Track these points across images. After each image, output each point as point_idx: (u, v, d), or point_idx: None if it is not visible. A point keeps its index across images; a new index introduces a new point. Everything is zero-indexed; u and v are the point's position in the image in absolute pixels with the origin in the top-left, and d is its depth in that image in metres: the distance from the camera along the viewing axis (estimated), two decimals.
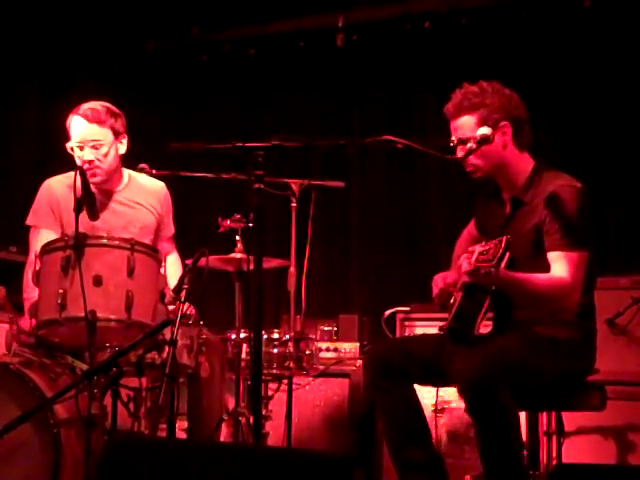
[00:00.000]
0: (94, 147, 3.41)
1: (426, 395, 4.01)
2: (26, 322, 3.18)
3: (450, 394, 3.97)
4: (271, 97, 5.46)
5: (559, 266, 2.85)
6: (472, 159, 3.00)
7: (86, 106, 3.44)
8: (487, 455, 2.77)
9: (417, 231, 5.08)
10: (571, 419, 3.48)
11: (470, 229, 3.35)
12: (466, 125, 3.01)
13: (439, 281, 3.10)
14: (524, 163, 3.05)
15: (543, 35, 4.88)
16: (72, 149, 3.43)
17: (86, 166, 3.33)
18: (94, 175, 3.40)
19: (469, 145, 2.97)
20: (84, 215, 3.03)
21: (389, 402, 3.00)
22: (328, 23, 5.35)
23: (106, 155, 3.43)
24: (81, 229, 2.93)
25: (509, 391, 2.73)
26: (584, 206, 2.92)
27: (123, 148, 3.51)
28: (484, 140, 2.96)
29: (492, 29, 5.03)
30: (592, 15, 4.78)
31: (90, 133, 3.40)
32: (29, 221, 3.50)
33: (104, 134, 3.42)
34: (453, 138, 3.03)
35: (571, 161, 4.35)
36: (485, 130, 2.97)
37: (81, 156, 3.41)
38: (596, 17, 4.77)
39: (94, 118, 3.40)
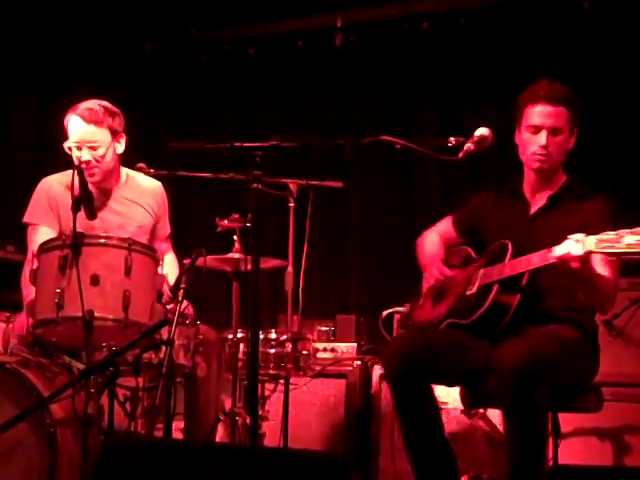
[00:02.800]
0: (91, 148, 3.40)
1: None
2: (22, 323, 3.17)
3: (447, 394, 3.96)
4: (269, 97, 5.46)
5: (609, 269, 2.90)
6: (553, 147, 3.03)
7: (83, 105, 3.43)
8: (518, 450, 2.76)
9: (415, 231, 5.03)
10: (567, 420, 3.48)
11: (447, 231, 3.36)
12: (563, 116, 3.04)
13: (438, 271, 3.15)
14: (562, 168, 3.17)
15: (541, 36, 4.89)
16: (70, 148, 3.42)
17: (83, 166, 3.32)
18: (92, 175, 3.39)
19: (467, 146, 2.97)
20: (81, 214, 3.02)
21: (413, 404, 2.96)
22: (327, 23, 5.36)
23: (103, 156, 3.42)
24: (78, 228, 2.93)
25: (548, 389, 2.76)
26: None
27: (121, 147, 3.50)
28: (482, 141, 2.97)
29: (490, 30, 5.04)
30: (591, 16, 4.79)
31: (87, 134, 3.39)
32: (27, 218, 3.49)
33: (101, 135, 3.41)
34: (451, 139, 3.02)
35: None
36: (484, 131, 2.99)
37: (79, 156, 3.40)
38: (595, 18, 4.78)
39: (91, 118, 3.39)
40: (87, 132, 3.39)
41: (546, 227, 3.02)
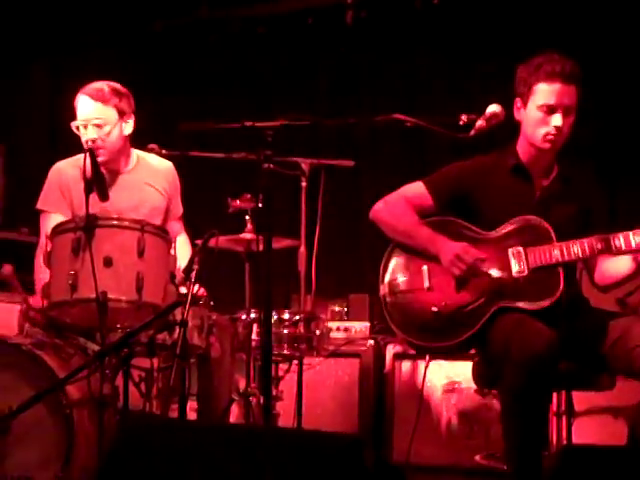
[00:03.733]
0: (97, 126, 3.40)
1: (436, 375, 4.04)
2: (37, 300, 3.19)
3: (459, 374, 3.97)
4: (280, 75, 5.43)
5: None
6: (565, 128, 2.96)
7: (92, 85, 3.44)
8: None
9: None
10: (581, 399, 3.47)
11: (420, 199, 3.11)
12: (575, 95, 2.97)
13: (471, 257, 2.94)
14: None
15: (551, 11, 4.83)
16: (77, 128, 3.42)
17: (89, 144, 3.32)
18: (97, 155, 3.40)
19: (479, 123, 2.95)
20: (94, 197, 3.02)
21: (531, 413, 2.77)
22: (337, 0, 5.32)
23: (109, 134, 3.41)
24: (91, 211, 2.93)
25: None
26: None
27: (129, 128, 3.49)
28: (493, 118, 2.95)
29: (502, 3, 4.98)
30: None
31: (93, 111, 3.39)
32: (39, 205, 3.50)
33: (108, 113, 3.41)
34: (463, 116, 3.00)
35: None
36: (496, 108, 2.96)
37: (84, 134, 3.40)
38: None
39: (98, 97, 3.39)
40: (93, 110, 3.39)
41: (558, 213, 2.98)
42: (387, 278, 3.13)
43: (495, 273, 2.92)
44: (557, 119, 2.93)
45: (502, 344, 2.77)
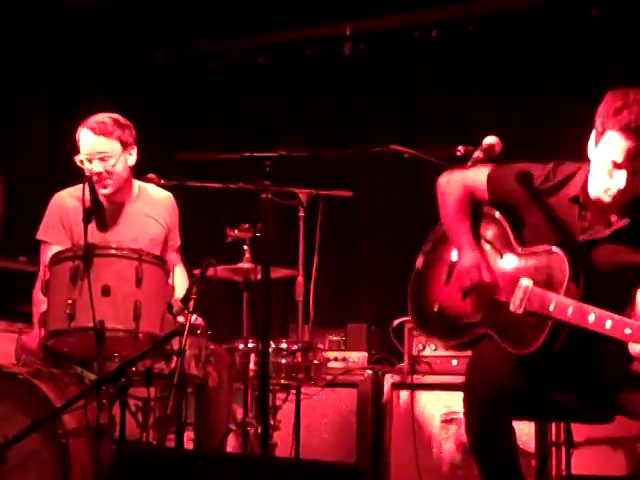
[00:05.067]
0: (102, 159, 3.43)
1: (434, 405, 4.03)
2: (34, 337, 3.18)
3: (458, 404, 3.94)
4: (279, 106, 5.47)
5: None
6: (632, 186, 2.63)
7: (94, 119, 3.46)
8: None
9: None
10: (580, 430, 3.46)
11: (478, 187, 2.95)
12: None
13: (479, 278, 2.83)
14: None
15: (550, 43, 4.88)
16: (81, 162, 3.45)
17: (95, 178, 3.34)
18: (104, 187, 3.42)
19: (476, 154, 2.92)
20: (93, 227, 3.03)
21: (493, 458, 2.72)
22: (336, 32, 5.37)
23: (114, 166, 3.44)
24: (91, 241, 2.94)
25: None
26: None
27: (132, 159, 3.52)
28: (490, 149, 2.93)
29: (499, 38, 5.04)
30: (599, 23, 4.78)
31: (97, 145, 3.42)
32: (39, 236, 3.51)
33: (111, 146, 3.44)
34: (460, 148, 2.97)
35: None
36: (493, 140, 2.93)
37: (90, 169, 3.43)
38: (603, 25, 4.77)
39: (101, 130, 3.42)
40: (97, 144, 3.42)
41: (605, 258, 2.73)
42: (427, 250, 3.11)
43: (497, 299, 2.84)
44: (622, 180, 2.63)
45: (466, 374, 2.76)
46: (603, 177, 2.68)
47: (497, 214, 2.97)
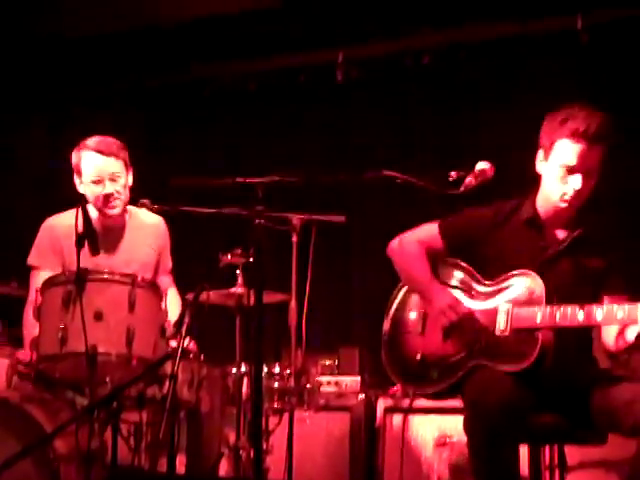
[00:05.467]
0: (112, 179, 3.42)
1: (427, 429, 4.02)
2: (26, 354, 3.18)
3: (452, 428, 3.95)
4: (271, 131, 5.50)
5: None
6: (586, 189, 2.83)
7: (96, 140, 3.44)
8: None
9: None
10: (573, 453, 3.46)
11: (431, 241, 3.10)
12: (599, 156, 2.82)
13: (455, 314, 2.90)
14: None
15: (541, 70, 4.93)
16: (89, 183, 3.42)
17: (101, 200, 3.35)
18: (113, 207, 3.42)
19: (468, 179, 2.95)
20: (86, 251, 3.03)
21: (493, 474, 2.71)
22: (328, 59, 5.41)
23: (124, 187, 3.45)
24: (83, 265, 2.94)
25: None
26: None
27: (130, 180, 3.53)
28: (482, 175, 2.96)
29: (491, 64, 5.08)
30: (590, 51, 4.83)
31: (108, 166, 3.41)
32: (30, 261, 3.50)
33: (119, 166, 3.44)
34: (452, 173, 3.00)
35: None
36: (485, 165, 2.96)
37: (99, 191, 3.41)
38: (594, 53, 4.82)
39: (110, 151, 3.42)
40: (107, 165, 3.41)
41: (568, 269, 2.89)
42: (391, 314, 3.16)
43: (480, 329, 2.89)
44: (577, 182, 2.82)
45: (466, 402, 2.78)
46: (557, 185, 2.86)
47: (455, 260, 3.07)
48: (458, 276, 3.06)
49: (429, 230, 3.14)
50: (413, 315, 3.08)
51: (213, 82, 5.69)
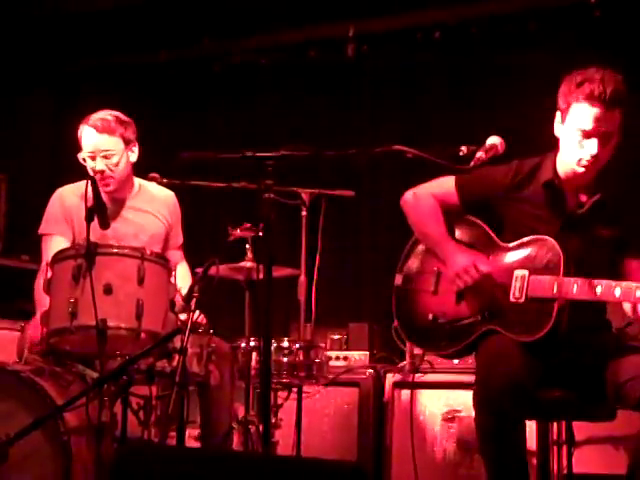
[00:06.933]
0: (105, 157, 3.44)
1: (436, 403, 4.03)
2: (36, 331, 3.19)
3: (460, 403, 3.96)
4: (282, 106, 5.48)
5: None
6: (603, 153, 2.79)
7: (96, 116, 3.48)
8: None
9: None
10: (581, 429, 3.46)
11: (447, 197, 3.03)
12: (616, 120, 2.78)
13: (476, 271, 2.83)
14: None
15: (552, 44, 4.89)
16: (84, 160, 3.46)
17: (98, 176, 3.36)
18: (107, 185, 3.43)
19: (479, 154, 2.92)
20: (95, 224, 3.04)
21: (501, 454, 2.72)
22: (339, 33, 5.38)
23: (117, 164, 3.46)
24: (92, 238, 2.95)
25: None
26: None
27: (134, 156, 3.53)
28: (493, 149, 2.94)
29: (502, 39, 5.04)
30: (602, 24, 4.78)
31: (100, 143, 3.44)
32: (42, 229, 3.52)
33: (114, 143, 3.45)
34: (463, 148, 2.97)
35: None
36: (495, 140, 2.94)
37: (93, 166, 3.45)
38: (606, 26, 4.77)
39: (104, 128, 3.44)
40: (100, 142, 3.43)
41: (586, 235, 2.85)
42: (404, 268, 3.11)
43: (495, 293, 2.85)
44: (593, 146, 2.78)
45: (477, 372, 2.76)
46: (574, 149, 2.82)
47: (472, 218, 3.01)
48: (475, 235, 3.00)
49: (445, 184, 3.06)
50: (426, 273, 3.03)
51: (224, 57, 5.67)
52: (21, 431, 2.76)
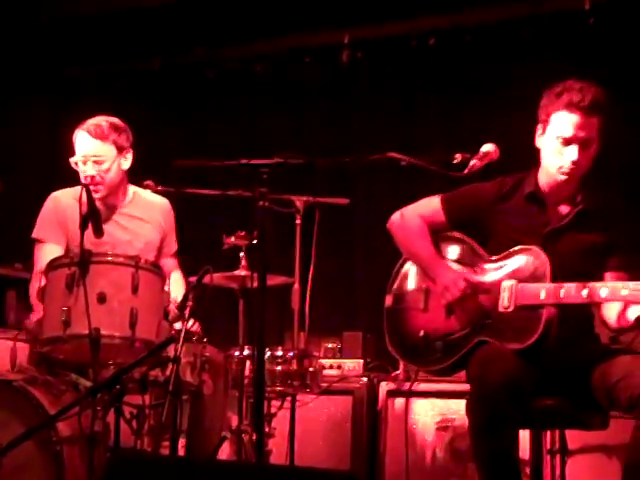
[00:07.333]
0: (96, 162, 3.44)
1: (429, 412, 4.02)
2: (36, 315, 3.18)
3: (454, 411, 3.96)
4: (276, 113, 5.48)
5: None
6: (584, 160, 2.86)
7: (91, 121, 3.48)
8: None
9: None
10: (574, 438, 3.46)
11: (434, 215, 3.09)
12: (595, 126, 2.85)
13: (465, 283, 2.88)
14: None
15: (547, 51, 4.89)
16: (76, 164, 3.46)
17: (88, 180, 3.36)
18: (96, 191, 3.42)
19: (473, 162, 2.92)
20: (89, 232, 3.03)
21: (494, 454, 2.73)
22: (334, 40, 5.39)
23: (108, 171, 3.46)
24: (86, 244, 2.94)
25: None
26: None
27: (127, 163, 3.53)
28: (487, 157, 2.95)
29: (497, 46, 5.05)
30: (596, 31, 4.79)
31: (92, 148, 3.44)
32: (35, 234, 3.51)
33: (106, 150, 3.45)
34: (457, 155, 2.98)
35: None
36: (490, 147, 2.95)
37: (84, 171, 3.44)
38: (600, 33, 4.78)
39: (97, 134, 3.44)
40: (92, 147, 3.44)
41: (571, 245, 2.90)
42: (394, 288, 3.15)
43: (484, 305, 2.88)
44: (573, 153, 2.85)
45: (469, 379, 2.79)
46: (555, 157, 2.89)
47: (457, 234, 3.06)
48: (461, 251, 3.05)
49: (431, 204, 3.13)
50: (415, 291, 3.08)
51: (218, 64, 5.67)
52: (13, 440, 2.75)
